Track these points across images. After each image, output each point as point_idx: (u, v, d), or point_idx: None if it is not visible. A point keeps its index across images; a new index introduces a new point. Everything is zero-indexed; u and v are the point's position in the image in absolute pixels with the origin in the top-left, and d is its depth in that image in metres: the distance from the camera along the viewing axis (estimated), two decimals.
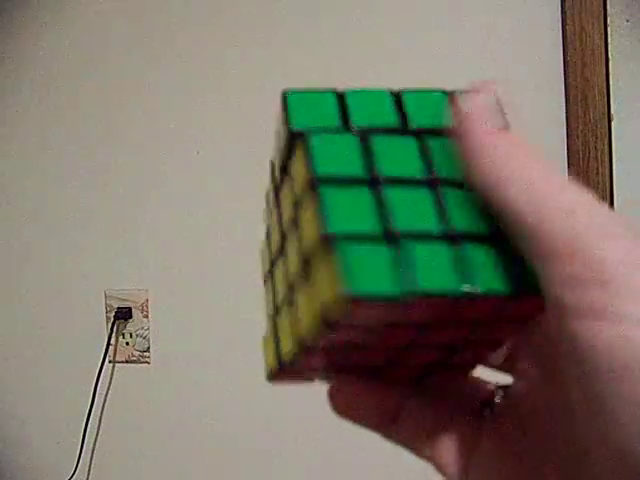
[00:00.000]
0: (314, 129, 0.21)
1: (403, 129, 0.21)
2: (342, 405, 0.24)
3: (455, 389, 0.25)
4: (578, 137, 0.98)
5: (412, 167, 0.21)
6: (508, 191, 0.19)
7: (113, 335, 1.22)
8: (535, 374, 0.23)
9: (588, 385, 0.18)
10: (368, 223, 0.19)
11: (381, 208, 0.20)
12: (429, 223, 0.20)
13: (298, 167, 0.21)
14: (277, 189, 0.24)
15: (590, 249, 0.17)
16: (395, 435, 0.24)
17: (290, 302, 0.22)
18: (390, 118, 0.22)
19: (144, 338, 1.22)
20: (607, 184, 0.97)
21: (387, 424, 0.24)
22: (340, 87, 0.22)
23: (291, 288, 0.22)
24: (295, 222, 0.21)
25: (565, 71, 0.99)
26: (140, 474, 1.23)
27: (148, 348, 1.22)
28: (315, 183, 0.20)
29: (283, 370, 0.23)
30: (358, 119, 0.21)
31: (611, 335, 0.17)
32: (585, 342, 0.17)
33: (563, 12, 0.99)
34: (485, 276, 0.19)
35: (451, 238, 0.20)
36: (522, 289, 0.19)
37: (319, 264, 0.19)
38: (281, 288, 0.24)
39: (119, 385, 1.24)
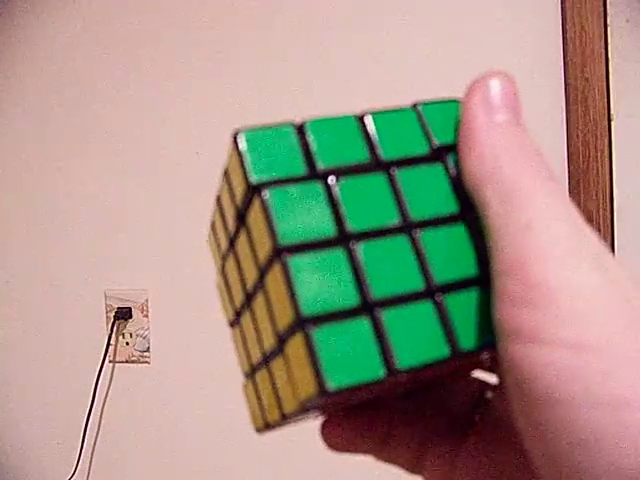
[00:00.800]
0: (274, 180, 0.19)
1: (372, 164, 0.20)
2: (336, 444, 0.23)
3: (444, 395, 0.25)
4: (578, 137, 0.98)
5: (386, 212, 0.19)
6: (485, 191, 0.18)
7: (113, 335, 1.22)
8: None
9: (523, 411, 0.17)
10: (345, 295, 0.18)
11: (357, 274, 0.18)
12: (409, 281, 0.18)
13: (259, 229, 0.19)
14: (232, 237, 0.22)
15: (532, 269, 0.17)
16: (386, 457, 0.24)
17: (269, 371, 0.21)
18: (358, 152, 0.20)
19: (144, 338, 1.22)
20: (607, 184, 0.97)
21: (378, 449, 0.24)
22: (307, 110, 0.20)
23: (266, 357, 0.21)
24: (262, 287, 0.20)
25: (565, 71, 0.99)
26: (140, 474, 1.23)
27: (148, 348, 1.22)
28: (282, 254, 0.18)
29: (271, 428, 0.22)
30: (323, 158, 0.19)
31: (537, 359, 0.16)
32: (516, 365, 0.17)
33: (563, 12, 0.99)
34: (465, 333, 0.18)
35: (432, 294, 0.19)
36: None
37: (295, 349, 0.18)
38: (253, 348, 0.22)
39: (119, 385, 1.24)
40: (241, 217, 0.20)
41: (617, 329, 0.16)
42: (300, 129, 0.19)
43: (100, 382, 1.21)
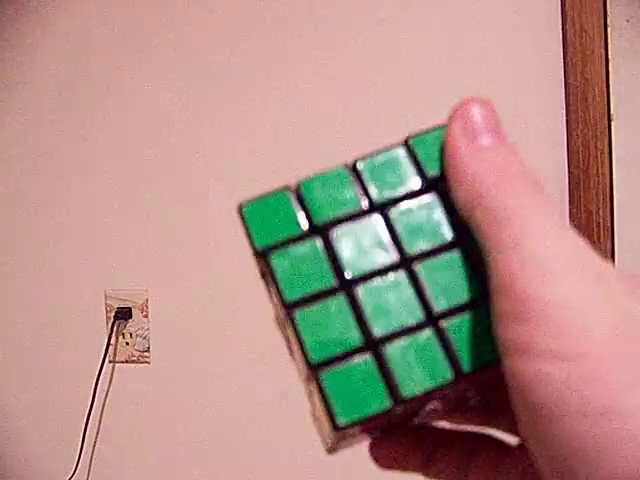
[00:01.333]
0: (276, 245, 0.21)
1: (367, 210, 0.21)
2: (384, 462, 0.24)
3: (488, 408, 0.25)
4: (578, 137, 0.98)
5: (382, 252, 0.20)
6: (475, 216, 0.19)
7: (113, 335, 1.22)
8: None
9: (524, 421, 0.17)
10: (348, 338, 0.20)
11: (359, 316, 0.20)
12: (409, 314, 0.20)
13: (273, 286, 0.21)
14: (267, 285, 0.23)
15: (520, 285, 0.17)
16: (432, 473, 0.25)
17: (311, 397, 0.22)
18: (352, 201, 0.21)
19: (144, 338, 1.22)
20: (607, 184, 0.97)
21: (425, 466, 0.24)
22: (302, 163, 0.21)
23: (309, 392, 0.22)
24: (288, 336, 0.22)
25: (565, 71, 0.99)
26: (140, 474, 1.23)
27: (148, 348, 1.22)
28: (289, 310, 0.20)
29: (333, 450, 0.23)
30: (318, 214, 0.21)
31: (531, 371, 0.17)
32: (514, 378, 0.17)
33: (563, 12, 0.99)
34: (467, 355, 0.19)
35: (432, 322, 0.20)
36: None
37: (314, 391, 0.20)
38: (301, 376, 0.24)
39: (119, 385, 1.24)
40: (264, 274, 0.22)
41: (603, 338, 0.16)
42: (296, 191, 0.21)
43: (100, 382, 1.21)
